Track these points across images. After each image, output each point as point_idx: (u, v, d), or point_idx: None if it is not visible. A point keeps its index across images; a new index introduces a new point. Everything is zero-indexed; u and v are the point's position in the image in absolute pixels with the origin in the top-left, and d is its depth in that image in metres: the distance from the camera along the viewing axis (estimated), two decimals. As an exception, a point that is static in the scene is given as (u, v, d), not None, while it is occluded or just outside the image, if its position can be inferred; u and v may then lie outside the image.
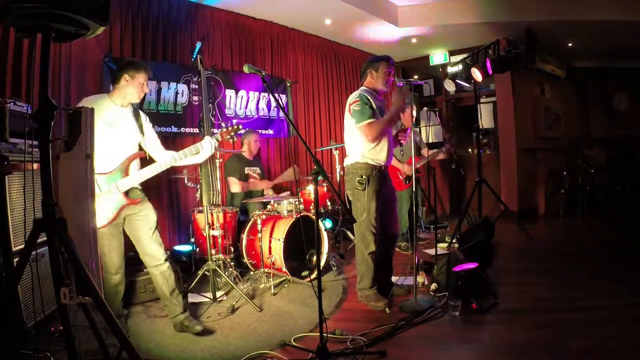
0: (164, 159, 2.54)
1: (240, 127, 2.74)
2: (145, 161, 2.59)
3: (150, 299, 3.05)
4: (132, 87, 2.44)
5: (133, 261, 2.86)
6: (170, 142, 3.98)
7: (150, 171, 2.47)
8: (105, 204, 2.35)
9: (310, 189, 4.50)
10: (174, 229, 4.19)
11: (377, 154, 2.84)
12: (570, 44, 6.38)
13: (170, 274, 2.55)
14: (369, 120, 2.73)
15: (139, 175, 2.45)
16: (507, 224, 5.17)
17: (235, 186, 4.11)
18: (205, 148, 2.52)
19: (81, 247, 1.59)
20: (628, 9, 4.81)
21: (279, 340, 2.34)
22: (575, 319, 2.49)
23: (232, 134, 2.67)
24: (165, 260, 2.53)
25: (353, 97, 2.84)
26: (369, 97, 2.80)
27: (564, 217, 6.27)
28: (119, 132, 2.43)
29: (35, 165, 1.75)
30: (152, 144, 2.63)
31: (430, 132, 6.57)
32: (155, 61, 3.99)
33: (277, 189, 4.61)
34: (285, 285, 3.41)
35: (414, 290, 2.96)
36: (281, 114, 5.25)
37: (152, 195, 3.31)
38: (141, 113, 2.63)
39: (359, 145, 2.84)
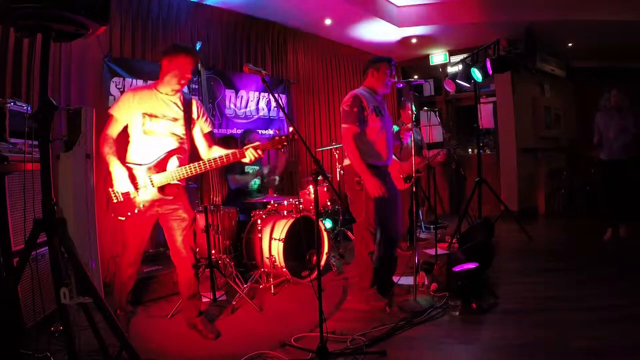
0: (209, 156, 2.39)
1: (294, 136, 2.26)
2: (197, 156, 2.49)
3: (151, 298, 3.06)
4: (171, 72, 2.31)
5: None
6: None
7: (192, 170, 2.31)
8: (137, 197, 2.29)
9: (310, 188, 4.50)
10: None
11: (375, 154, 2.83)
12: (570, 44, 6.38)
13: (196, 281, 2.53)
14: (353, 127, 2.73)
15: (177, 172, 2.31)
16: (507, 224, 5.17)
17: (235, 183, 4.11)
18: (247, 157, 2.33)
19: (81, 247, 1.59)
20: (628, 9, 4.81)
21: (279, 340, 2.34)
22: (575, 319, 2.49)
23: (285, 144, 2.30)
24: (193, 266, 2.50)
25: (347, 97, 2.85)
26: (362, 99, 2.79)
27: (564, 217, 6.28)
28: (160, 123, 2.33)
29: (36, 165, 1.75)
30: (198, 138, 2.51)
31: (430, 132, 6.58)
32: (155, 61, 3.99)
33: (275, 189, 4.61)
34: (285, 285, 3.41)
35: (414, 290, 2.96)
36: (281, 114, 5.24)
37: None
38: (194, 103, 2.48)
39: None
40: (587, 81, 7.23)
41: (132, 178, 2.28)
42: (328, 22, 5.31)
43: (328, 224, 4.59)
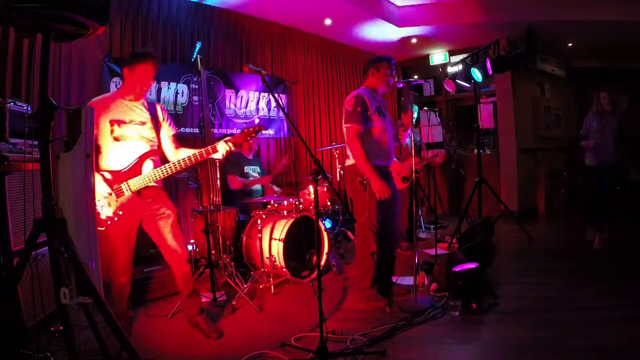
0: (177, 157, 2.41)
1: (262, 127, 2.53)
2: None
3: (151, 298, 3.06)
4: (133, 81, 2.35)
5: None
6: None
7: (167, 170, 2.33)
8: (115, 203, 2.28)
9: (310, 188, 4.50)
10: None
11: (377, 154, 2.83)
12: (570, 44, 6.38)
13: (192, 277, 2.51)
14: (356, 126, 2.73)
15: (153, 173, 2.33)
16: (507, 224, 5.17)
17: (235, 184, 4.11)
18: (219, 151, 2.39)
19: (81, 247, 1.59)
20: (628, 9, 4.81)
21: (279, 340, 2.34)
22: (575, 319, 2.49)
23: (253, 135, 2.47)
24: (188, 261, 2.49)
25: (349, 96, 2.85)
26: (365, 99, 2.79)
27: (564, 217, 6.27)
28: (129, 128, 2.35)
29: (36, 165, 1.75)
30: (164, 140, 2.52)
31: (430, 132, 6.57)
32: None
33: (276, 184, 4.61)
34: (285, 285, 3.41)
35: (414, 290, 2.96)
36: (281, 114, 5.25)
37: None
38: (158, 107, 2.52)
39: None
40: (587, 81, 7.23)
41: (108, 185, 2.28)
42: (328, 22, 5.31)
43: (328, 224, 4.59)
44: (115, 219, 2.29)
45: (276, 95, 2.15)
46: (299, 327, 2.54)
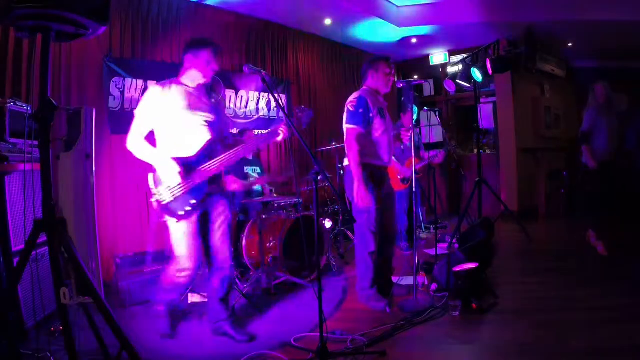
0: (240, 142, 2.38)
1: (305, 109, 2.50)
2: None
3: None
4: (197, 66, 2.30)
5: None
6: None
7: (232, 155, 2.29)
8: (188, 192, 2.20)
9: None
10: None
11: (377, 154, 2.84)
12: (570, 44, 6.38)
13: (229, 281, 2.45)
14: (357, 127, 2.73)
15: (219, 160, 2.27)
16: (507, 224, 5.17)
17: (234, 185, 4.11)
18: (280, 135, 2.41)
19: (81, 247, 1.59)
20: (628, 9, 4.82)
21: (279, 340, 2.34)
22: (575, 319, 2.49)
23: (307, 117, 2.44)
24: (230, 266, 2.43)
25: (352, 97, 2.85)
26: (367, 100, 2.79)
27: (564, 217, 6.27)
28: (197, 116, 2.30)
29: (36, 165, 1.75)
30: (226, 127, 2.49)
31: (430, 132, 6.58)
32: (155, 61, 3.99)
33: (275, 187, 4.60)
34: (285, 286, 3.41)
35: (414, 290, 2.96)
36: (281, 114, 5.24)
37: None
38: (218, 93, 2.52)
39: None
40: (587, 81, 7.22)
41: (179, 175, 2.19)
42: (328, 22, 5.31)
43: (328, 224, 4.58)
44: (188, 208, 2.20)
45: (276, 95, 2.14)
46: (299, 327, 2.53)
